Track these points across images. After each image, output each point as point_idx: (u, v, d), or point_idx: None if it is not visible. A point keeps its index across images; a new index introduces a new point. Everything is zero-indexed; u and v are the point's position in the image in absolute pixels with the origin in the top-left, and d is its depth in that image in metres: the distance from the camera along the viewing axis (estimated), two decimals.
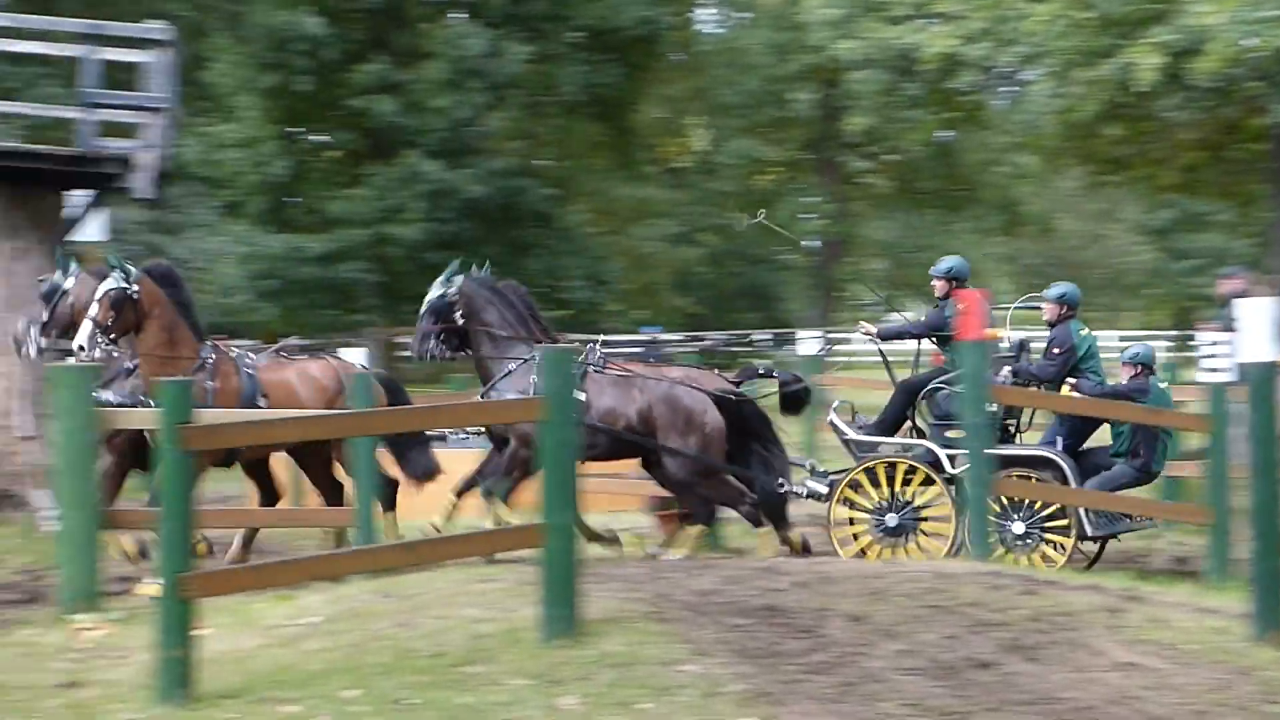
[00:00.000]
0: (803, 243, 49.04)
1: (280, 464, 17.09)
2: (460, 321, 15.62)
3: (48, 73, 33.92)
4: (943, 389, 15.45)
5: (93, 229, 21.83)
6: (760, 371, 16.90)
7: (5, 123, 30.49)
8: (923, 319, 16.33)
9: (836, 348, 40.98)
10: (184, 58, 21.00)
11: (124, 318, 14.60)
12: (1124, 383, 15.84)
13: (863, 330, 16.88)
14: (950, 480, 15.00)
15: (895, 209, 55.04)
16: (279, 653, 10.34)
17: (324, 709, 8.77)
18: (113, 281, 14.60)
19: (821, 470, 15.91)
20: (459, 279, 15.79)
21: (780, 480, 15.42)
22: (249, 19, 38.69)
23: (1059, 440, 15.59)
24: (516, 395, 15.01)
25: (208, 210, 43.70)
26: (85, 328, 14.67)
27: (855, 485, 15.24)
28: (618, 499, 18.29)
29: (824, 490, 15.48)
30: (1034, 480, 15.14)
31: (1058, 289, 16.13)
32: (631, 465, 16.45)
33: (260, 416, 14.06)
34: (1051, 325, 15.98)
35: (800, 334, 33.37)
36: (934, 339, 16.10)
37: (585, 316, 44.21)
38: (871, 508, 15.21)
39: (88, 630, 11.65)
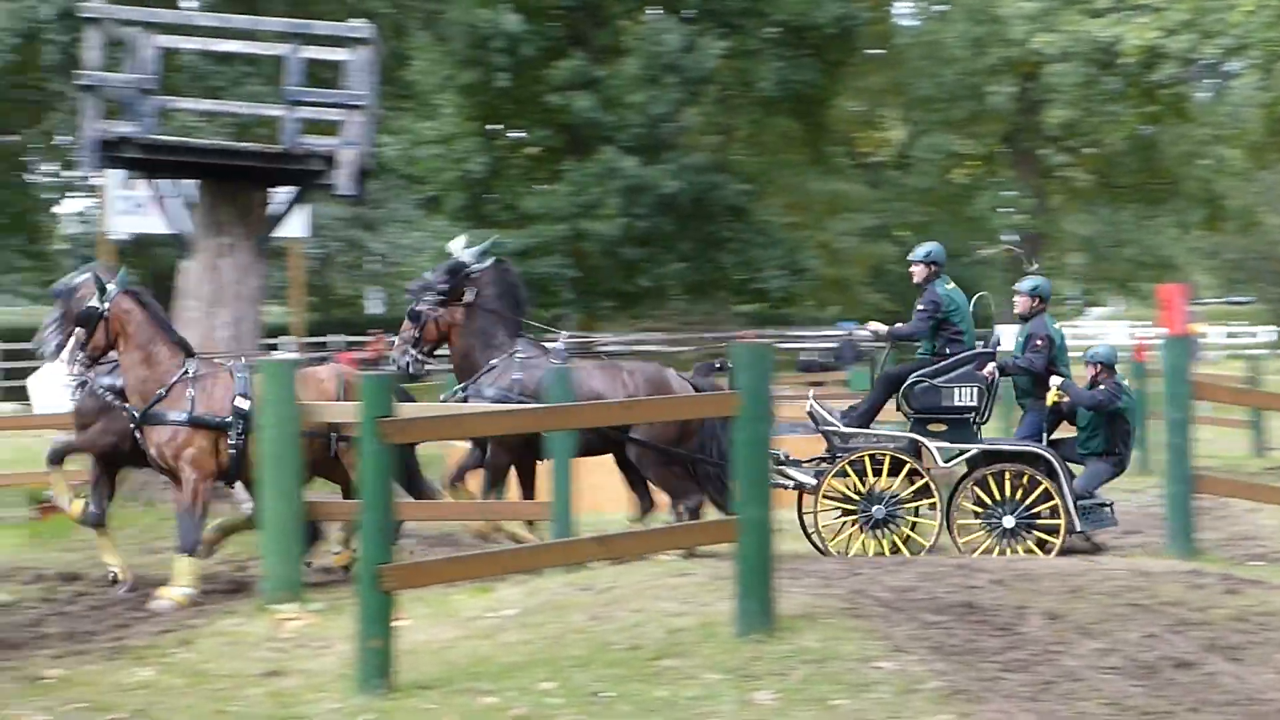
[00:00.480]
0: (1001, 238, 48.60)
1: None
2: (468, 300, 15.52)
3: (252, 72, 34.49)
4: (922, 382, 15.41)
5: (295, 225, 22.19)
6: (717, 365, 16.77)
7: (211, 121, 31.08)
8: (919, 320, 15.81)
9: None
10: (385, 56, 21.26)
11: (95, 335, 14.37)
12: (1089, 382, 15.80)
13: (870, 330, 16.57)
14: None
15: (1095, 203, 54.38)
16: (476, 644, 10.44)
17: (521, 701, 8.84)
18: (88, 300, 14.51)
19: (796, 460, 15.79)
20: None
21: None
22: (448, 17, 39.04)
23: (1043, 434, 15.61)
24: (495, 392, 15.16)
25: (407, 206, 44.21)
26: (66, 343, 14.57)
27: (842, 476, 15.23)
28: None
29: (811, 481, 15.42)
30: (1027, 476, 15.07)
31: (1029, 282, 16.14)
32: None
33: (457, 410, 14.19)
34: (1024, 319, 15.97)
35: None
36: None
37: (780, 308, 44.17)
38: (858, 499, 15.18)
39: (290, 620, 11.83)
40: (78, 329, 14.39)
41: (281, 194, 19.34)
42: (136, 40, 18.06)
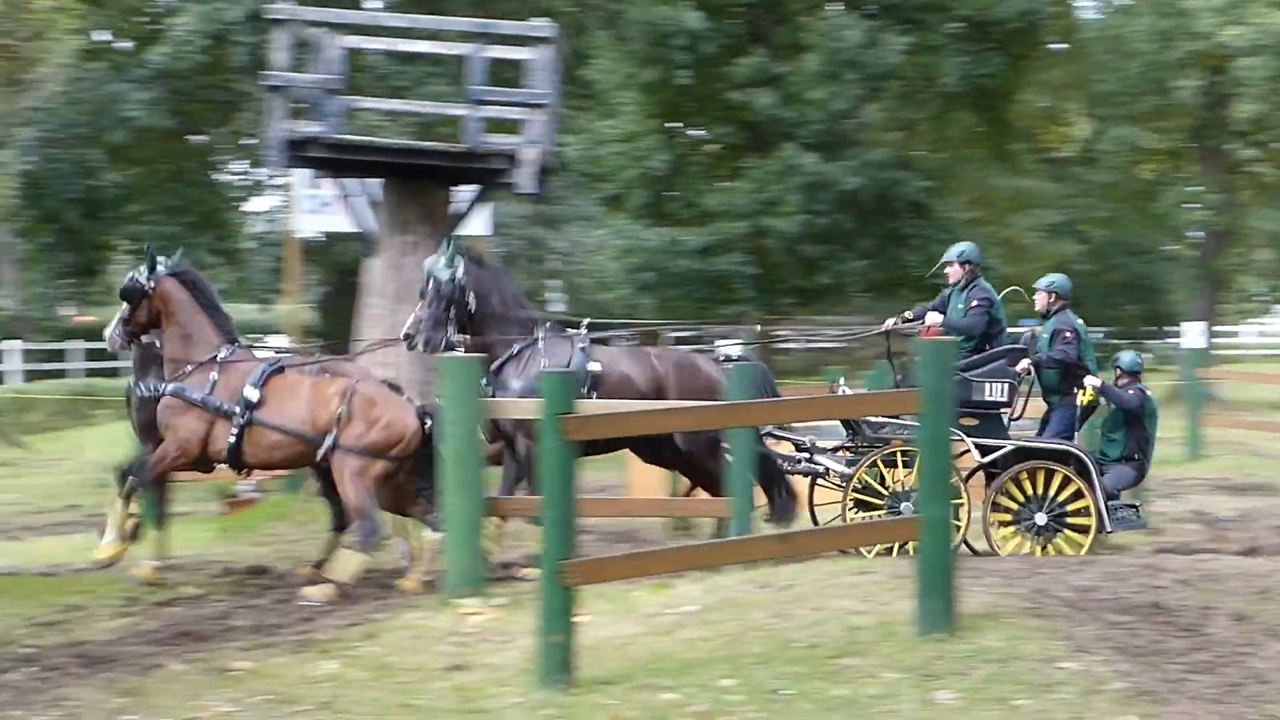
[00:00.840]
0: (1186, 234, 47.86)
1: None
2: (472, 307, 15.45)
3: (436, 71, 34.78)
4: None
5: (478, 223, 22.35)
6: (720, 359, 16.85)
7: (395, 121, 31.40)
8: (972, 312, 15.89)
9: (1221, 340, 39.87)
10: (566, 55, 21.36)
11: (138, 314, 15.02)
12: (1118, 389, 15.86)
13: (931, 322, 16.15)
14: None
15: None
16: (656, 640, 10.48)
17: (701, 697, 8.86)
18: (133, 279, 15.07)
19: (826, 448, 15.80)
20: (459, 261, 15.51)
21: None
22: (629, 16, 39.12)
23: (1073, 432, 15.61)
24: (522, 384, 15.09)
25: (589, 204, 44.37)
26: (112, 322, 15.30)
27: (873, 468, 15.24)
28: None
29: (845, 470, 15.39)
30: (1060, 473, 15.10)
31: (1047, 279, 16.15)
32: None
33: (639, 406, 14.23)
34: (1045, 316, 16.01)
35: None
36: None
37: None
38: (887, 494, 15.15)
39: (472, 615, 11.93)
40: (123, 304, 15.01)
41: (464, 192, 19.50)
42: (322, 41, 18.31)
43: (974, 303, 15.77)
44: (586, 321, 16.30)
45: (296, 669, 10.69)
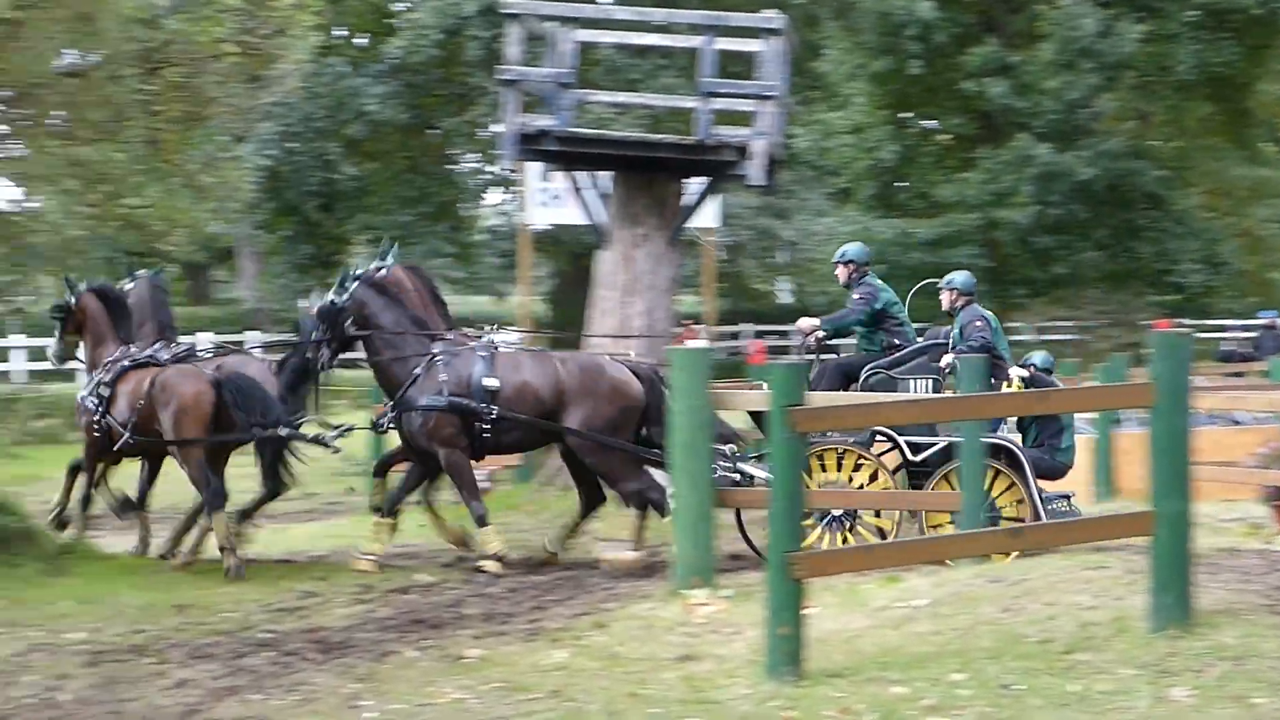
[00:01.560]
0: None
1: None
2: (353, 331, 15.81)
3: (666, 64, 34.96)
4: (878, 373, 15.30)
5: (707, 215, 22.39)
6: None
7: (625, 114, 31.58)
8: (855, 306, 15.95)
9: None
10: (797, 46, 21.32)
11: (65, 327, 16.26)
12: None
13: (804, 329, 16.30)
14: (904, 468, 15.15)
15: None
16: (885, 634, 10.44)
17: (931, 692, 8.81)
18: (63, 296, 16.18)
19: (750, 454, 15.60)
20: (350, 285, 15.80)
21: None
22: (861, 6, 38.98)
23: (1000, 427, 15.33)
24: (430, 399, 15.41)
25: (817, 196, 44.26)
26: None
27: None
28: (1231, 488, 17.74)
29: (765, 475, 14.81)
30: (996, 470, 14.70)
31: (947, 277, 16.03)
32: (1243, 453, 15.97)
33: (866, 399, 14.17)
34: (951, 314, 15.79)
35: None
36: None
37: (1198, 301, 43.03)
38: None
39: (701, 606, 11.97)
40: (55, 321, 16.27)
41: (694, 184, 19.54)
42: (556, 35, 18.45)
43: (855, 295, 15.87)
44: (491, 330, 16.57)
45: (527, 657, 10.80)
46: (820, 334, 16.07)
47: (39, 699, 10.06)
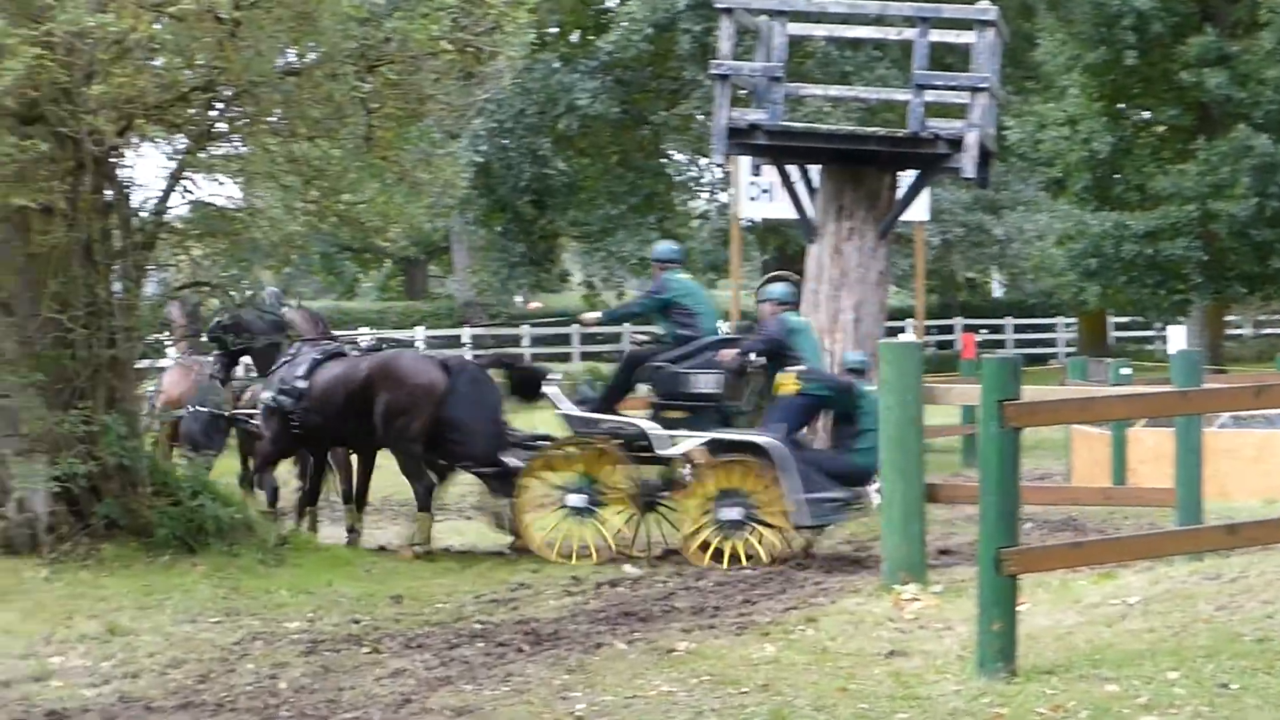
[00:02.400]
0: None
1: None
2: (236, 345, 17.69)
3: (879, 57, 34.82)
4: (664, 366, 15.63)
5: (916, 209, 22.28)
6: (503, 360, 17.90)
7: (836, 107, 31.50)
8: (642, 298, 16.86)
9: None
10: (1010, 38, 21.12)
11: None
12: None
13: (584, 319, 18.39)
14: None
15: None
16: (1098, 631, 10.32)
17: (1144, 690, 8.69)
18: None
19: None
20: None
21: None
22: None
23: (789, 425, 15.57)
24: (263, 395, 16.89)
25: (1030, 189, 43.80)
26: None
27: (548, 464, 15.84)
28: None
29: (519, 464, 16.08)
30: (753, 466, 15.28)
31: (766, 290, 16.56)
32: None
33: (1085, 394, 14.03)
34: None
35: None
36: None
37: None
38: (559, 486, 15.97)
39: (910, 601, 11.92)
40: None
41: (904, 178, 19.46)
42: (768, 28, 18.46)
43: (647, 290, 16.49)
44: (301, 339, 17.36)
45: (737, 650, 10.83)
46: (599, 323, 18.21)
47: (257, 686, 10.27)
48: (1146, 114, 41.96)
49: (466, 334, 46.25)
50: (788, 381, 15.70)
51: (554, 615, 12.71)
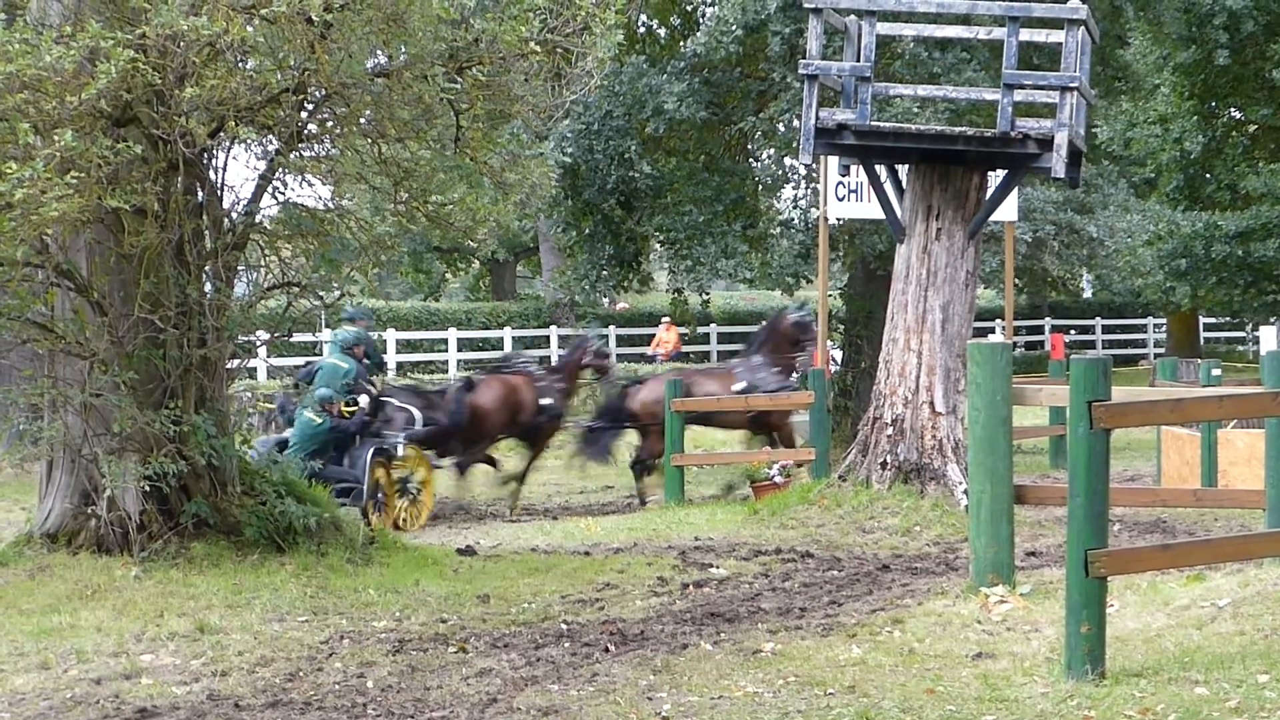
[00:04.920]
0: None
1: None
2: None
3: (968, 57, 34.61)
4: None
5: (1007, 209, 22.17)
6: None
7: (924, 107, 31.35)
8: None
9: None
10: (1100, 37, 20.99)
11: None
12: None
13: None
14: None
15: None
16: (1187, 633, 10.27)
17: (1234, 693, 8.64)
18: None
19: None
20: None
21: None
22: None
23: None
24: None
25: (1121, 189, 43.50)
26: None
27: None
28: None
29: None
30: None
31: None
32: None
33: (1174, 394, 13.93)
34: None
35: None
36: None
37: None
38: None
39: (998, 603, 11.88)
40: None
41: (993, 178, 19.36)
42: (856, 28, 18.42)
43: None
44: None
45: (823, 652, 10.83)
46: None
47: (345, 685, 10.34)
48: (1238, 113, 41.63)
49: (554, 334, 46.49)
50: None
51: (640, 615, 12.73)
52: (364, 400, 19.89)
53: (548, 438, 23.38)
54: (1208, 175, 40.31)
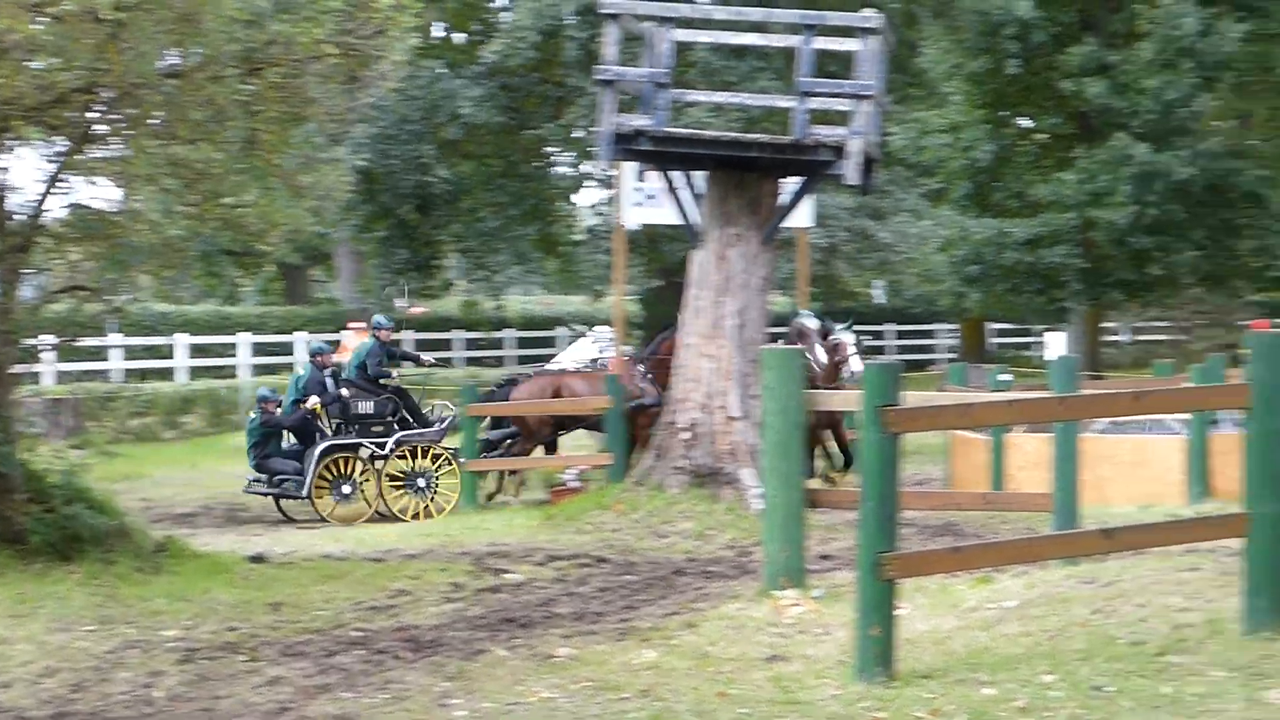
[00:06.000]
0: None
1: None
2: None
3: (763, 66, 34.91)
4: None
5: (800, 215, 22.36)
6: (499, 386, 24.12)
7: (720, 114, 31.57)
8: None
9: None
10: (894, 45, 21.24)
11: None
12: None
13: None
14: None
15: None
16: (975, 635, 10.41)
17: (1021, 693, 8.77)
18: None
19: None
20: None
21: None
22: (961, 4, 38.81)
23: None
24: None
25: (913, 196, 44.11)
26: None
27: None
28: None
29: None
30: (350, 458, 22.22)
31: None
32: None
33: (964, 400, 14.13)
34: None
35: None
36: None
37: None
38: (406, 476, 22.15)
39: (791, 606, 11.96)
40: None
41: (789, 184, 19.53)
42: (653, 35, 18.47)
43: None
44: None
45: (618, 656, 10.83)
46: None
47: (132, 695, 10.18)
48: (1027, 122, 42.37)
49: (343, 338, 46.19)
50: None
51: (434, 622, 12.66)
52: (313, 401, 22.23)
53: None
54: (997, 183, 40.99)
